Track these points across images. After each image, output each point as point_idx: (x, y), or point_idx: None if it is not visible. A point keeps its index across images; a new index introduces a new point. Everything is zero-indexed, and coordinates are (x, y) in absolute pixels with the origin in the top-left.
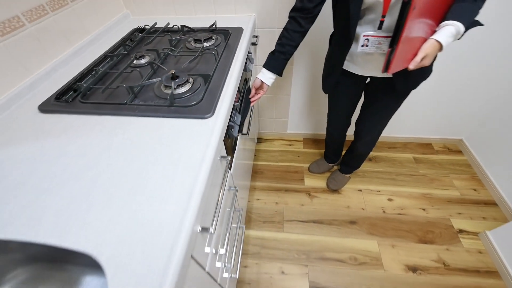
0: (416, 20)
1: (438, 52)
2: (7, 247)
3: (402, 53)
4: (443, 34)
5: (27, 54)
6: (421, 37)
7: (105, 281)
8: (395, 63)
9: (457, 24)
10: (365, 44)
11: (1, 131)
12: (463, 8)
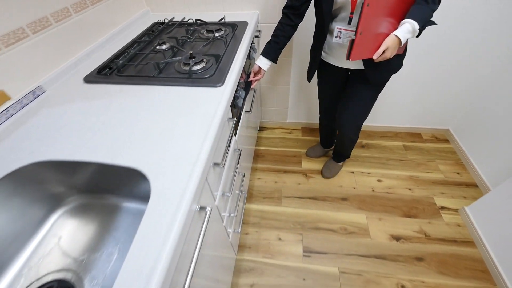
0: (378, 17)
1: (398, 46)
2: (74, 171)
3: (365, 44)
4: (401, 30)
5: (71, 39)
6: (384, 33)
7: (139, 208)
8: (356, 51)
9: (412, 22)
10: (338, 36)
11: (57, 95)
12: (418, 9)
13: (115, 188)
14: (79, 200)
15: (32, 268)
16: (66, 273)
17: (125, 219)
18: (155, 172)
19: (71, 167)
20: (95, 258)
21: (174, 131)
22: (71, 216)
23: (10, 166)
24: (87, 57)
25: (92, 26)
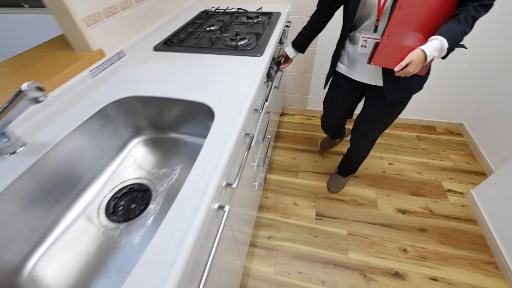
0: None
1: (422, 62)
2: (152, 107)
3: (389, 51)
4: (428, 46)
5: (140, 19)
6: (410, 47)
7: (196, 142)
8: (379, 54)
9: (442, 39)
10: (363, 45)
11: (134, 58)
12: (450, 28)
13: (180, 127)
14: (152, 134)
15: (118, 175)
16: (142, 180)
17: (185, 149)
18: (216, 105)
19: (152, 102)
20: (162, 172)
21: (227, 82)
22: (144, 145)
23: (108, 99)
24: (152, 34)
25: (154, 12)
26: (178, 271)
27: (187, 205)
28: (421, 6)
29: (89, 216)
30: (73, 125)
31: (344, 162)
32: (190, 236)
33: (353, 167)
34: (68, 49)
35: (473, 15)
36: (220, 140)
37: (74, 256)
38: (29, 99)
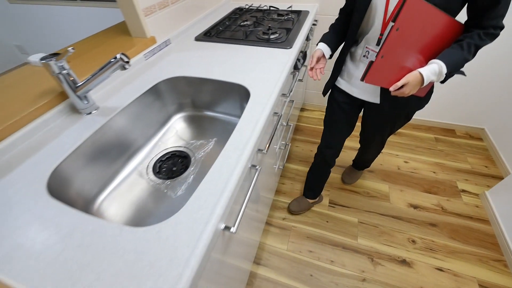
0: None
1: (419, 85)
2: (195, 87)
3: (384, 71)
4: (427, 69)
5: (185, 13)
6: (409, 68)
7: (231, 120)
8: (372, 74)
9: (441, 64)
10: (365, 55)
11: (178, 46)
12: (451, 54)
13: (215, 106)
14: (191, 111)
15: (163, 142)
16: (182, 148)
17: (219, 126)
18: (251, 87)
19: (195, 82)
20: (200, 143)
21: (260, 69)
22: (184, 120)
23: (158, 78)
24: (193, 26)
25: (196, 7)
26: (226, 199)
27: (231, 156)
28: (420, 29)
29: (140, 172)
30: (132, 97)
31: (358, 158)
32: (234, 176)
33: (366, 163)
34: (126, 36)
35: (477, 43)
36: (257, 111)
37: (130, 199)
38: (119, 65)
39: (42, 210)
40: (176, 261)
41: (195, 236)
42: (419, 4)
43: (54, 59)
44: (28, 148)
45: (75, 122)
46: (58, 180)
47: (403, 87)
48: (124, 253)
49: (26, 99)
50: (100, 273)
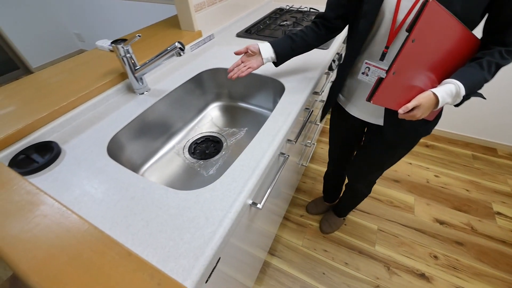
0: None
1: (432, 107)
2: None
3: (394, 90)
4: (442, 90)
5: (229, 11)
6: (419, 88)
7: (262, 112)
8: (381, 93)
9: (458, 84)
10: (365, 73)
11: (221, 40)
12: (470, 73)
13: (249, 98)
14: (226, 101)
15: (199, 127)
16: (216, 134)
17: (251, 117)
18: (286, 82)
19: None
20: (232, 131)
21: (296, 66)
22: (219, 109)
23: (202, 68)
24: (235, 23)
25: (239, 6)
26: (257, 176)
27: (263, 140)
28: (438, 43)
29: (178, 151)
30: (178, 83)
31: (343, 201)
32: (265, 158)
33: (352, 206)
34: (176, 28)
35: (498, 62)
36: (290, 104)
37: (167, 173)
38: (176, 52)
39: (104, 167)
40: (211, 220)
41: (228, 203)
42: (440, 12)
43: (123, 44)
44: (93, 117)
45: (130, 100)
46: (115, 145)
47: (413, 109)
48: (168, 208)
49: (94, 76)
50: (149, 221)
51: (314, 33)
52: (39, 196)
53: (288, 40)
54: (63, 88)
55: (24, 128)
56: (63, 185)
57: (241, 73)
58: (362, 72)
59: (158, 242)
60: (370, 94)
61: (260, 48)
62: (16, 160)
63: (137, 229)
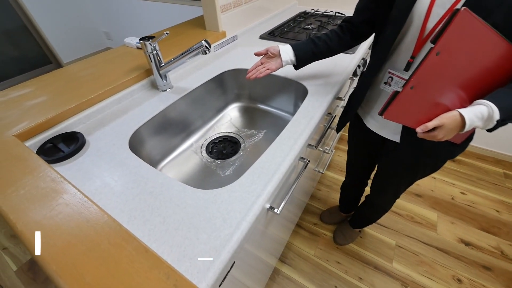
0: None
1: (458, 130)
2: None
3: (411, 106)
4: (471, 112)
5: (253, 13)
6: (445, 106)
7: (282, 115)
8: (394, 108)
9: (492, 107)
10: (388, 82)
11: (244, 42)
12: (509, 94)
13: (269, 101)
14: (246, 103)
15: (217, 126)
16: (234, 134)
17: (270, 119)
18: (310, 85)
19: None
20: (250, 133)
21: (321, 70)
22: (238, 110)
23: (224, 68)
24: (258, 25)
25: (263, 8)
26: (277, 179)
27: (285, 143)
28: (471, 57)
29: (195, 149)
30: (200, 82)
31: (358, 214)
32: (286, 161)
33: (366, 219)
34: (201, 29)
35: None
36: (313, 108)
37: (184, 170)
38: (202, 50)
39: (125, 160)
40: (228, 222)
41: (246, 205)
42: (473, 22)
43: (150, 41)
44: (117, 111)
45: (153, 96)
46: (136, 140)
47: (435, 129)
48: (186, 206)
49: (120, 72)
50: (166, 218)
51: (338, 37)
52: (63, 184)
53: (311, 43)
54: (91, 82)
55: (53, 118)
56: (85, 175)
57: (259, 74)
58: (385, 81)
59: (174, 240)
60: (383, 108)
61: (281, 50)
62: (44, 148)
63: (154, 225)
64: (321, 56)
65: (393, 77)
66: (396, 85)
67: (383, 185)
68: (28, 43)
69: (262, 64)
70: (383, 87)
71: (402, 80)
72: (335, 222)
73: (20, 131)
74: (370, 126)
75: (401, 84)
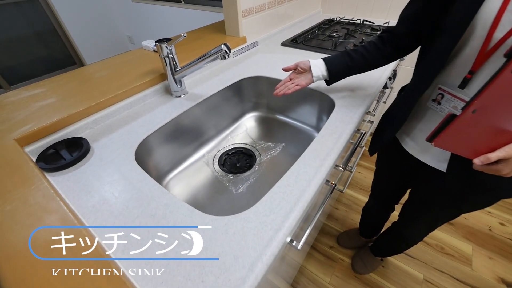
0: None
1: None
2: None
3: (470, 134)
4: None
5: (275, 19)
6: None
7: (304, 128)
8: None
9: None
10: (437, 100)
11: (265, 48)
12: None
13: (290, 112)
14: (264, 112)
15: (232, 137)
16: (249, 146)
17: (290, 132)
18: (338, 98)
19: (275, 84)
20: (267, 145)
21: (348, 80)
22: (256, 120)
23: (242, 75)
24: (280, 32)
25: (286, 15)
26: (300, 209)
27: (310, 165)
28: None
29: (207, 160)
30: (216, 89)
31: (382, 241)
32: (312, 186)
33: (389, 252)
34: (221, 34)
35: None
36: (342, 123)
37: (194, 184)
38: (221, 54)
39: (128, 173)
40: (240, 261)
41: (263, 241)
42: None
43: (166, 43)
44: (127, 117)
45: (166, 102)
46: (144, 149)
47: (498, 162)
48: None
49: (134, 75)
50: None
51: (377, 50)
52: (54, 202)
53: (346, 57)
54: (104, 83)
55: (59, 121)
56: (84, 188)
57: (287, 90)
58: (433, 99)
59: (174, 280)
60: (432, 133)
61: (311, 65)
62: (45, 155)
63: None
64: (357, 70)
65: (444, 94)
66: (447, 104)
67: (416, 216)
68: (56, 45)
69: (291, 80)
70: (430, 105)
71: (456, 98)
72: (354, 247)
73: (22, 134)
74: (408, 149)
75: (454, 103)
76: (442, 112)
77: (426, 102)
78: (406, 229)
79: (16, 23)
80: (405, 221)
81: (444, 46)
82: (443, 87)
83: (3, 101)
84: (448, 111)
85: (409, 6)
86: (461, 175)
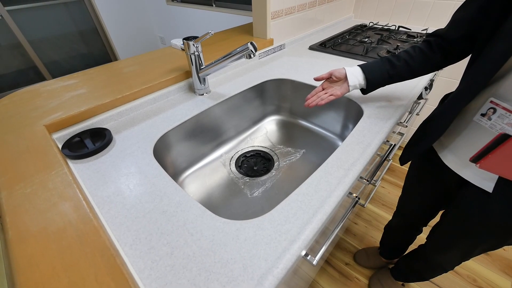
0: None
1: None
2: (299, 93)
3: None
4: None
5: (304, 22)
6: None
7: (327, 136)
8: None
9: None
10: (487, 115)
11: (291, 51)
12: None
13: (313, 117)
14: (286, 117)
15: (251, 139)
16: (268, 150)
17: (311, 138)
18: (367, 106)
19: (301, 88)
20: (287, 151)
21: (384, 88)
22: (277, 123)
23: (266, 77)
24: (309, 36)
25: (316, 19)
26: (319, 221)
27: (332, 174)
28: None
29: (224, 161)
30: (239, 89)
31: (405, 264)
32: (333, 198)
33: (415, 277)
34: (248, 35)
35: None
36: (372, 132)
37: (209, 183)
38: (247, 53)
39: (146, 168)
40: (250, 271)
41: (276, 252)
42: None
43: (194, 41)
44: (150, 111)
45: (188, 99)
46: (163, 145)
47: None
48: (201, 237)
49: (161, 71)
50: (174, 249)
51: (423, 57)
52: (71, 189)
53: (386, 64)
54: (131, 78)
55: (86, 111)
56: (102, 178)
57: (320, 101)
58: (483, 113)
59: (179, 283)
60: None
61: (348, 73)
62: (71, 142)
63: (159, 256)
64: (399, 79)
65: (497, 109)
66: (500, 120)
67: (449, 241)
68: (96, 43)
69: (323, 90)
70: (478, 119)
71: (510, 113)
72: (371, 267)
73: (51, 121)
74: (447, 162)
75: (509, 120)
76: (493, 129)
77: (473, 116)
78: (436, 255)
79: (63, 22)
80: (435, 245)
81: (500, 53)
82: (497, 101)
83: (40, 89)
84: (500, 129)
85: (464, 8)
86: (507, 198)
